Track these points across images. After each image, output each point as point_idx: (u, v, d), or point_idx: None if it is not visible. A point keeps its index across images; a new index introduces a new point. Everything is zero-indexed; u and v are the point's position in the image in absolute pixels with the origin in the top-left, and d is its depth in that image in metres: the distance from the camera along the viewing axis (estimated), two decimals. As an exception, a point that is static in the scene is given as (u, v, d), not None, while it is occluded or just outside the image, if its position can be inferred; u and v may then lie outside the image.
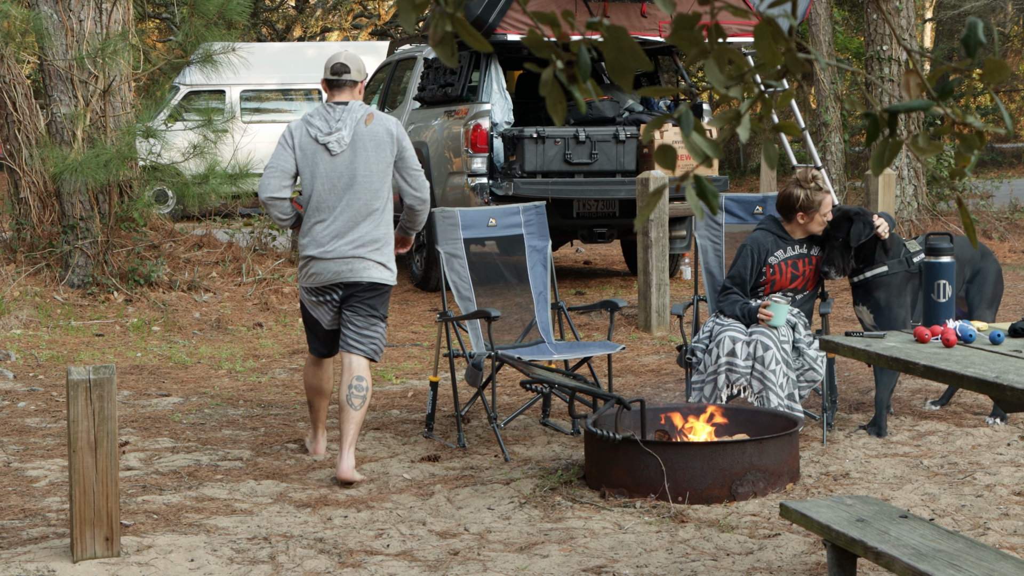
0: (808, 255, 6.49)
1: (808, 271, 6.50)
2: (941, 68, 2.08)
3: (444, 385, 6.97)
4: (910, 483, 5.50)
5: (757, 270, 6.42)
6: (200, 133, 11.09)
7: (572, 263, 14.51)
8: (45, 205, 10.91)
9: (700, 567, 4.55)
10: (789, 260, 6.46)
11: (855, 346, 4.40)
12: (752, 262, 6.41)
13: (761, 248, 6.43)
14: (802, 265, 6.48)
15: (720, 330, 6.23)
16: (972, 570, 3.54)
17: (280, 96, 21.27)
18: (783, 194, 6.46)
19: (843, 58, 23.16)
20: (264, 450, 6.41)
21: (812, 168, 6.41)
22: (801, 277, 6.48)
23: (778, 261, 6.44)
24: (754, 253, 6.42)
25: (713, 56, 1.97)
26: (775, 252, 6.45)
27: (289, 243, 13.25)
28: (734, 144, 26.95)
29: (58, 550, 4.72)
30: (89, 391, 4.57)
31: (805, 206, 6.38)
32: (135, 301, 10.57)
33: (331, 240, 5.85)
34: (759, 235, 6.48)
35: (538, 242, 7.02)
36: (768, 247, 6.45)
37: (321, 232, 5.87)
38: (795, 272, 6.46)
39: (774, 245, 6.46)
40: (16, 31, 10.54)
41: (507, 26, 11.25)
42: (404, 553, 4.76)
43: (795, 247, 6.48)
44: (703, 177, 1.98)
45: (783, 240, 6.47)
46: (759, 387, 6.07)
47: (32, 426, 6.97)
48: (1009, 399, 3.67)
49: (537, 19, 1.96)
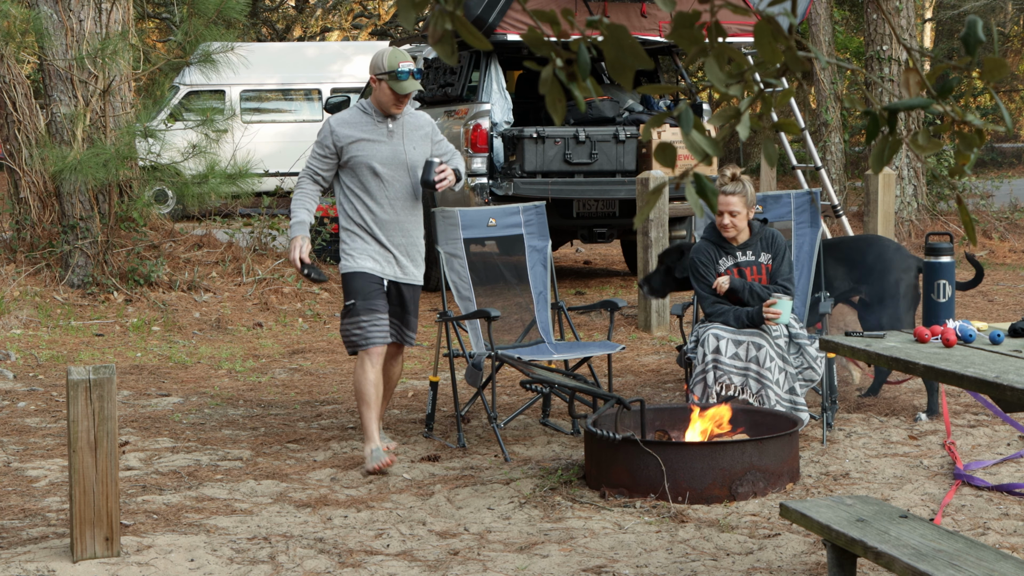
0: (757, 262, 6.33)
1: (760, 280, 6.31)
2: (941, 66, 2.07)
3: (444, 385, 6.97)
4: (910, 483, 5.50)
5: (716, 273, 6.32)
6: (200, 133, 11.09)
7: (572, 263, 14.51)
8: (45, 205, 10.91)
9: (700, 567, 4.55)
10: (734, 269, 6.32)
11: (855, 346, 4.40)
12: (704, 272, 6.33)
13: (706, 258, 6.33)
14: (751, 274, 6.32)
15: (704, 330, 6.20)
16: (972, 570, 3.54)
17: (280, 96, 21.27)
18: None
19: (843, 58, 23.16)
20: (264, 450, 6.41)
21: (733, 167, 6.31)
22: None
23: (723, 269, 6.34)
24: (701, 265, 6.34)
25: (713, 55, 1.97)
26: (719, 260, 6.34)
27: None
28: (734, 143, 26.95)
29: (58, 550, 4.72)
30: (89, 391, 4.57)
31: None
32: (135, 301, 10.56)
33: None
34: (701, 244, 6.39)
35: (538, 242, 7.02)
36: (712, 255, 6.34)
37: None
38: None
39: (717, 253, 6.34)
40: (16, 31, 10.54)
41: (507, 25, 11.24)
42: (404, 553, 4.76)
43: (738, 254, 6.33)
44: (703, 176, 1.98)
45: (723, 248, 6.34)
46: (757, 387, 6.05)
47: (32, 426, 6.97)
48: (1009, 399, 3.67)
49: (537, 17, 1.96)
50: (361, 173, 6.02)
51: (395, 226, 6.05)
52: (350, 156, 6.02)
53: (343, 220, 6.08)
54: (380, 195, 6.03)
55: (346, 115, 6.10)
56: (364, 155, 6.02)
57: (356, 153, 6.02)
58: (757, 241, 6.33)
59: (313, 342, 9.69)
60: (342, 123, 6.05)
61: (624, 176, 11.56)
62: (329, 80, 21.16)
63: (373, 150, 6.03)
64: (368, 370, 5.96)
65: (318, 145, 6.07)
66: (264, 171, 12.44)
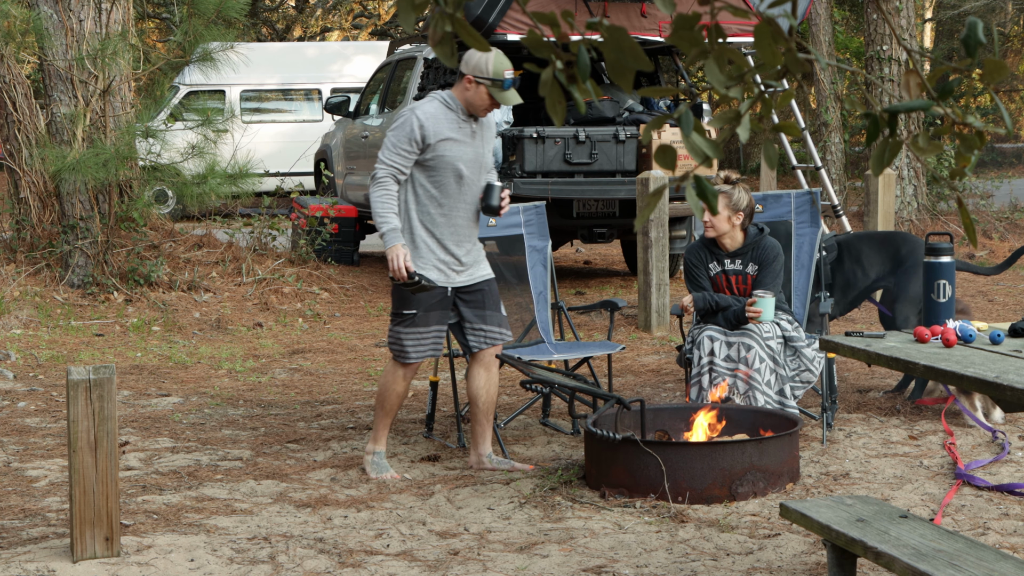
0: (744, 272, 6.31)
1: (744, 289, 6.29)
2: (941, 68, 2.08)
3: (444, 385, 6.97)
4: (910, 483, 5.50)
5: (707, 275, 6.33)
6: (200, 133, 11.09)
7: (572, 263, 14.51)
8: (45, 205, 10.91)
9: (700, 567, 4.55)
10: (720, 275, 6.32)
11: (855, 346, 4.40)
12: (696, 274, 6.34)
13: (697, 260, 6.33)
14: (736, 282, 6.31)
15: (699, 332, 6.21)
16: (972, 570, 3.54)
17: (280, 96, 21.27)
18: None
19: (843, 58, 23.16)
20: (264, 450, 6.41)
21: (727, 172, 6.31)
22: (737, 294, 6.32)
23: (712, 274, 6.34)
24: (692, 267, 6.34)
25: (713, 56, 1.97)
26: (709, 264, 6.34)
27: (289, 243, 13.25)
28: (734, 144, 26.95)
29: (58, 550, 4.72)
30: (89, 391, 4.57)
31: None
32: (135, 301, 10.56)
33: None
34: (695, 246, 6.39)
35: (538, 242, 7.02)
36: (703, 258, 6.34)
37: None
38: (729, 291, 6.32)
39: (708, 257, 6.34)
40: (16, 31, 10.54)
41: (507, 26, 11.24)
42: (404, 553, 4.76)
43: (726, 262, 6.31)
44: (703, 177, 1.98)
45: (713, 253, 6.33)
46: (745, 387, 6.05)
47: (32, 426, 6.97)
48: (1009, 399, 3.67)
49: (537, 19, 1.96)
50: (444, 174, 5.63)
51: (465, 230, 5.72)
52: (436, 155, 5.61)
53: (406, 222, 5.67)
54: (457, 198, 5.67)
55: (430, 108, 5.64)
56: (452, 155, 5.62)
57: (444, 152, 5.61)
58: (749, 250, 6.29)
59: (313, 342, 9.69)
60: (430, 117, 5.60)
61: (624, 176, 11.56)
62: (329, 80, 21.15)
63: (459, 151, 5.64)
64: (399, 380, 5.78)
65: (401, 139, 5.59)
66: (264, 171, 12.45)
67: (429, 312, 5.70)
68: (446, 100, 5.68)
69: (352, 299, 11.56)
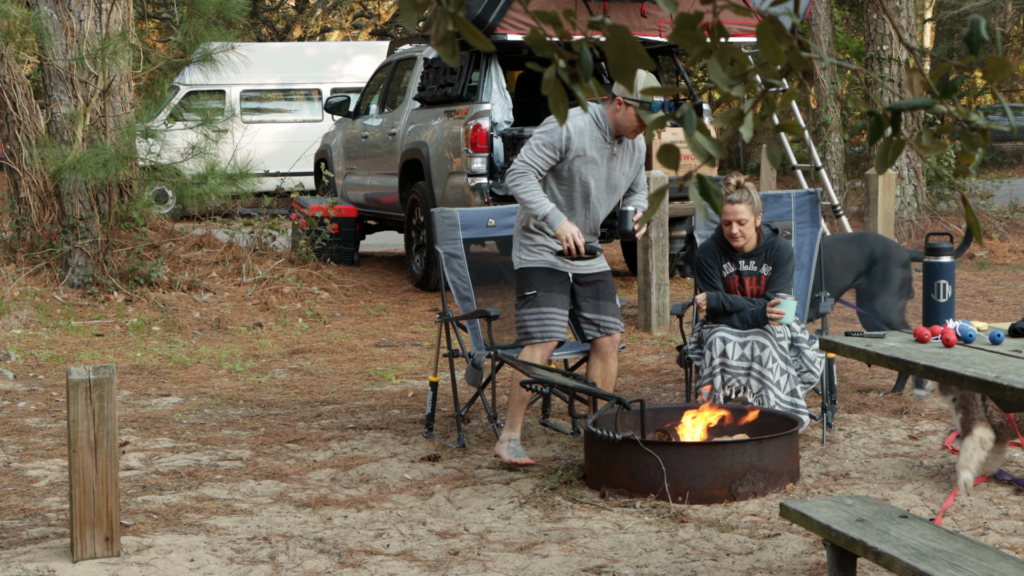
0: (758, 273, 6.29)
1: (758, 291, 6.28)
2: (943, 66, 2.07)
3: (444, 385, 6.96)
4: (910, 483, 5.50)
5: (720, 276, 6.33)
6: (200, 133, 11.09)
7: (572, 263, 14.48)
8: (45, 205, 10.91)
9: (700, 567, 4.55)
10: (734, 276, 6.31)
11: (855, 346, 4.40)
12: (709, 273, 6.33)
13: (711, 259, 6.32)
14: (750, 283, 6.29)
15: (709, 333, 6.20)
16: (972, 570, 3.54)
17: (280, 96, 21.27)
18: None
19: (843, 58, 23.17)
20: (264, 450, 6.41)
21: (738, 174, 6.30)
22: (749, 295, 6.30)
23: (725, 275, 6.32)
24: (706, 266, 6.32)
25: (716, 55, 1.97)
26: (723, 264, 6.32)
27: (289, 243, 13.25)
28: (734, 144, 26.96)
29: (58, 550, 4.72)
30: (89, 391, 4.57)
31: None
32: (135, 301, 10.56)
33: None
34: (708, 245, 6.37)
35: (538, 242, 7.00)
36: (717, 258, 6.32)
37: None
38: (742, 292, 6.31)
39: (721, 257, 6.32)
40: (16, 31, 10.53)
41: (507, 26, 11.23)
42: (404, 553, 4.76)
43: (740, 263, 6.29)
44: (706, 177, 1.98)
45: (727, 254, 6.31)
46: (758, 387, 6.05)
47: (32, 426, 6.96)
48: (1009, 399, 3.67)
49: (539, 19, 1.96)
50: (574, 187, 5.82)
51: (585, 235, 5.92)
52: (572, 169, 5.79)
53: (531, 222, 5.89)
54: (580, 212, 5.87)
55: (580, 122, 5.77)
56: (585, 173, 5.80)
57: (580, 168, 5.78)
58: (763, 251, 6.28)
59: (313, 342, 9.69)
60: (579, 131, 5.75)
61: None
62: (329, 80, 21.15)
63: (595, 172, 5.81)
64: (535, 363, 5.87)
65: (546, 145, 5.75)
66: (264, 171, 12.44)
67: (549, 293, 5.89)
68: (597, 117, 5.82)
69: (352, 299, 11.56)
